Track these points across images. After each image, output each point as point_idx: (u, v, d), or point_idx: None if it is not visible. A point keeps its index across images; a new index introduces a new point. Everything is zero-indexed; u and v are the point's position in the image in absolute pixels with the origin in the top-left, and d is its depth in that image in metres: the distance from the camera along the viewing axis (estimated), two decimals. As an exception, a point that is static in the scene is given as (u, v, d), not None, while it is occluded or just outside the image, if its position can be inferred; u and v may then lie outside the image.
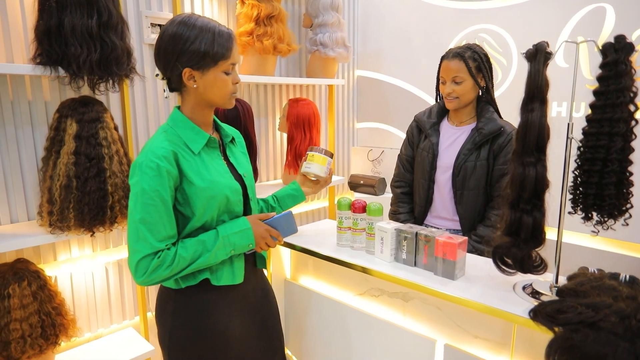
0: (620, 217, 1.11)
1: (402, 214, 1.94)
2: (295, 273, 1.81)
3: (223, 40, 1.20)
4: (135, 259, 1.15)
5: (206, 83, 1.22)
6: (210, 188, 1.22)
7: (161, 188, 1.15)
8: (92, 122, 1.63)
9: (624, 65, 1.02)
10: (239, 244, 1.25)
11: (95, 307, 2.02)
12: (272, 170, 2.79)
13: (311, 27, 2.63)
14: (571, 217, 1.16)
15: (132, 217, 1.16)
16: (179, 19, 1.20)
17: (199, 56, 1.18)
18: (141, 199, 1.14)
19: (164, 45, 1.20)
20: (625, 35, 1.03)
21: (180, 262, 1.17)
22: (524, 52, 1.09)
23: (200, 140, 1.25)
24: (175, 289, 1.28)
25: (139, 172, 1.15)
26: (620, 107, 1.04)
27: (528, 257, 1.14)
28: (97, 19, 1.56)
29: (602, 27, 2.14)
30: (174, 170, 1.17)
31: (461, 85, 1.69)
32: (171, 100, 2.21)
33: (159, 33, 1.22)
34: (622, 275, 1.11)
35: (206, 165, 1.24)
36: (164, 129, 1.25)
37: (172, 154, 1.18)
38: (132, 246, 1.15)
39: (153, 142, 1.20)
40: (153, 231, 1.15)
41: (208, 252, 1.20)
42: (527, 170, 1.08)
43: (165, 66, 1.22)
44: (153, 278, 1.16)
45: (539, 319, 1.02)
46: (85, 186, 1.60)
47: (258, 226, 1.30)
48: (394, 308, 1.46)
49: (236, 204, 1.30)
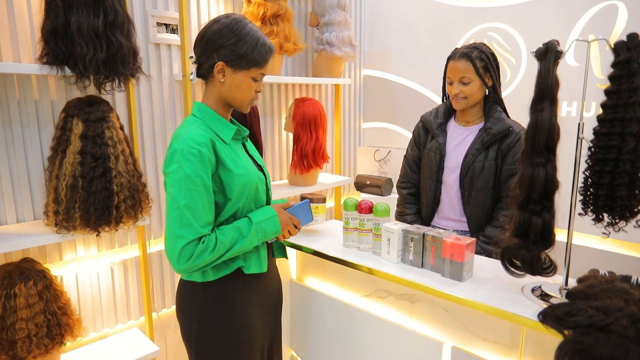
0: (632, 218, 1.10)
1: (409, 215, 1.93)
2: (301, 274, 1.81)
3: (264, 51, 1.27)
4: (180, 245, 1.16)
5: (233, 82, 1.27)
6: (245, 175, 1.27)
7: (204, 174, 1.19)
8: (98, 122, 1.64)
9: (636, 64, 1.01)
10: (268, 230, 1.30)
11: (100, 307, 2.03)
12: (278, 170, 2.79)
13: (317, 26, 2.63)
14: (581, 218, 1.15)
15: (176, 202, 1.17)
16: (233, 17, 1.27)
17: (237, 55, 1.24)
18: (185, 184, 1.17)
19: (209, 34, 1.26)
20: (638, 33, 1.02)
21: (221, 248, 1.21)
22: (534, 50, 1.08)
23: (229, 131, 1.30)
24: (202, 281, 1.29)
25: (181, 158, 1.17)
26: (632, 107, 1.02)
27: (537, 258, 1.13)
28: (104, 18, 1.57)
29: (614, 25, 2.12)
30: (213, 158, 1.22)
31: (469, 85, 1.68)
32: (177, 101, 2.21)
33: (207, 23, 1.29)
34: (633, 278, 1.10)
35: (237, 154, 1.30)
36: (193, 120, 1.29)
37: (211, 142, 1.22)
38: (176, 232, 1.17)
39: (190, 130, 1.22)
40: (197, 216, 1.17)
41: (244, 238, 1.24)
42: (536, 171, 1.08)
43: (202, 52, 1.28)
44: (197, 264, 1.18)
45: (549, 321, 1.01)
46: (91, 186, 1.61)
47: (282, 214, 1.35)
48: (401, 310, 1.45)
49: (262, 193, 1.36)
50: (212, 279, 1.28)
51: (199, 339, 1.30)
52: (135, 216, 1.76)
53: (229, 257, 1.25)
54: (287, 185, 2.64)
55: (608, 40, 1.05)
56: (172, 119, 2.21)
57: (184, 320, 1.35)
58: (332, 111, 3.03)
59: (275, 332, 1.50)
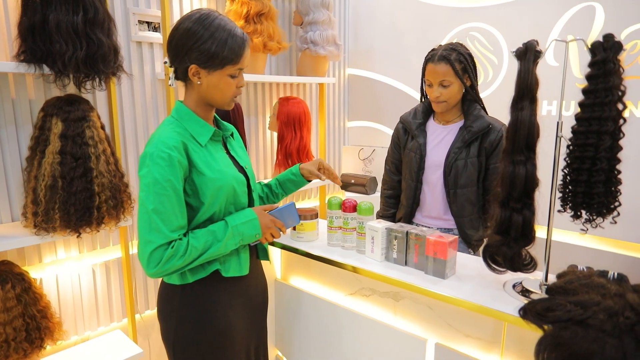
0: (609, 215, 1.13)
1: (383, 217, 2.00)
2: (286, 273, 1.81)
3: (235, 45, 1.22)
4: (149, 250, 1.15)
5: (210, 83, 1.24)
6: (219, 178, 1.24)
7: (173, 178, 1.16)
8: (78, 121, 1.61)
9: (612, 64, 1.04)
10: (246, 234, 1.28)
11: (82, 310, 2.00)
12: (263, 169, 2.78)
13: (302, 24, 2.63)
14: (560, 215, 1.18)
15: (144, 207, 1.16)
16: (197, 16, 1.21)
17: (208, 56, 1.20)
18: (153, 189, 1.15)
19: (176, 38, 1.22)
20: (613, 34, 1.05)
21: (193, 252, 1.18)
22: (514, 50, 1.10)
23: (206, 132, 1.27)
24: (181, 284, 1.28)
25: (150, 162, 1.16)
26: (608, 106, 1.05)
27: (518, 255, 1.15)
28: (83, 15, 1.55)
29: (592, 25, 2.17)
30: (185, 161, 1.19)
31: (449, 88, 1.70)
32: (159, 99, 2.19)
33: (175, 24, 1.24)
34: (610, 273, 1.13)
35: (213, 156, 1.27)
36: (170, 121, 1.26)
37: (182, 145, 1.20)
38: (145, 237, 1.15)
39: (162, 133, 1.20)
40: (166, 221, 1.15)
41: (219, 242, 1.22)
42: (517, 169, 1.10)
43: (174, 57, 1.25)
44: (166, 269, 1.16)
45: (529, 317, 1.03)
46: (71, 186, 1.59)
47: (264, 217, 1.32)
48: (385, 307, 1.46)
49: (242, 195, 1.33)
50: (190, 281, 1.27)
51: (177, 341, 1.29)
52: (117, 217, 1.74)
53: (205, 261, 1.23)
54: (272, 185, 2.63)
55: (585, 41, 1.08)
56: (154, 118, 2.19)
57: (163, 321, 1.34)
58: (316, 110, 3.03)
59: (261, 333, 1.49)
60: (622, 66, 1.06)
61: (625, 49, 1.09)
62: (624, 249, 2.15)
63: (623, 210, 1.14)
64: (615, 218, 1.13)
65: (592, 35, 2.17)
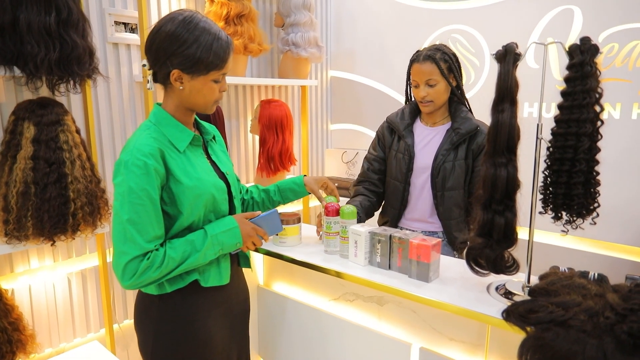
0: (589, 216, 1.15)
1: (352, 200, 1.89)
2: (269, 279, 1.80)
3: (221, 51, 1.19)
4: (123, 261, 1.12)
5: (193, 88, 1.21)
6: (197, 186, 1.21)
7: (149, 187, 1.14)
8: (52, 125, 1.59)
9: (589, 66, 1.06)
10: (227, 242, 1.25)
11: (56, 321, 1.96)
12: (244, 173, 2.77)
13: (283, 26, 2.63)
14: (542, 216, 1.20)
15: (119, 217, 1.13)
16: (181, 18, 1.17)
17: (193, 62, 1.17)
18: (128, 198, 1.12)
19: (157, 41, 1.18)
20: (590, 37, 1.08)
21: (170, 263, 1.16)
22: (494, 53, 1.12)
23: (185, 138, 1.24)
24: (158, 294, 1.25)
25: (125, 170, 1.13)
26: (586, 108, 1.08)
27: (501, 257, 1.17)
28: (56, 15, 1.52)
29: (571, 28, 2.22)
30: (161, 169, 1.16)
31: (435, 87, 1.72)
32: (137, 102, 2.16)
33: (155, 25, 1.20)
34: (591, 274, 1.15)
35: (192, 163, 1.24)
36: (147, 126, 1.23)
37: (159, 152, 1.17)
38: (120, 248, 1.13)
39: (138, 140, 1.17)
40: (142, 232, 1.13)
41: (197, 252, 1.19)
42: (498, 171, 1.11)
43: (154, 61, 1.21)
44: (142, 281, 1.14)
45: (512, 319, 1.04)
46: (44, 193, 1.56)
47: (245, 225, 1.30)
48: (369, 312, 1.47)
49: (222, 203, 1.30)
50: (168, 291, 1.24)
51: (155, 353, 1.27)
52: (93, 223, 1.71)
53: (183, 271, 1.20)
54: (254, 189, 2.62)
55: (563, 44, 1.10)
56: (132, 122, 2.16)
57: (140, 333, 1.31)
58: (298, 113, 3.04)
59: (243, 342, 1.48)
60: (599, 69, 1.08)
61: (602, 52, 1.11)
62: (604, 248, 2.20)
63: (602, 211, 1.17)
64: (595, 219, 1.15)
65: (570, 38, 2.23)
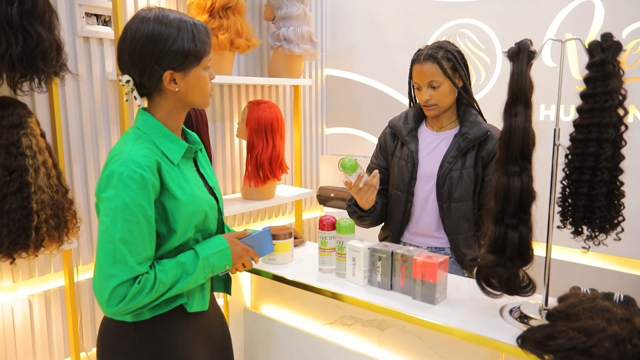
0: (612, 230, 1.15)
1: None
2: (257, 301, 1.79)
3: (202, 35, 1.21)
4: (112, 285, 1.09)
5: (188, 84, 1.22)
6: (192, 203, 1.22)
7: (146, 203, 1.13)
8: (13, 128, 1.59)
9: (611, 65, 1.07)
10: (217, 265, 1.25)
11: (14, 349, 1.94)
12: (230, 182, 2.77)
13: (273, 20, 2.65)
14: (560, 231, 1.20)
15: (110, 235, 1.11)
16: (151, 16, 1.17)
17: (183, 56, 1.18)
18: (122, 215, 1.11)
19: (139, 48, 1.16)
20: (612, 33, 1.08)
21: (160, 287, 1.15)
22: (506, 50, 1.13)
23: (179, 149, 1.24)
24: (133, 321, 1.22)
25: (119, 183, 1.11)
26: (608, 111, 1.08)
27: (515, 277, 1.16)
28: (19, 6, 1.52)
29: (591, 23, 2.24)
30: (157, 183, 1.16)
31: (438, 89, 1.72)
32: (111, 103, 2.16)
33: (123, 34, 1.19)
34: (616, 295, 1.15)
35: (186, 177, 1.24)
36: (137, 134, 1.21)
37: (156, 164, 1.16)
38: (107, 270, 1.10)
39: (132, 150, 1.16)
40: (134, 252, 1.11)
41: (189, 275, 1.19)
42: (511, 181, 1.11)
43: (141, 70, 1.19)
44: (131, 307, 1.12)
45: (528, 346, 1.04)
46: (3, 204, 1.55)
47: (236, 245, 1.30)
48: (369, 338, 1.46)
49: (212, 221, 1.31)
50: (146, 317, 1.22)
51: None
52: (59, 239, 1.70)
53: (170, 296, 1.19)
54: (241, 200, 2.61)
55: (582, 41, 1.11)
56: (104, 125, 2.15)
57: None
58: (290, 115, 3.04)
59: None
60: (623, 68, 1.09)
61: (625, 49, 1.13)
62: (630, 267, 2.21)
63: (627, 225, 1.17)
64: (619, 234, 1.15)
65: (591, 34, 2.25)
